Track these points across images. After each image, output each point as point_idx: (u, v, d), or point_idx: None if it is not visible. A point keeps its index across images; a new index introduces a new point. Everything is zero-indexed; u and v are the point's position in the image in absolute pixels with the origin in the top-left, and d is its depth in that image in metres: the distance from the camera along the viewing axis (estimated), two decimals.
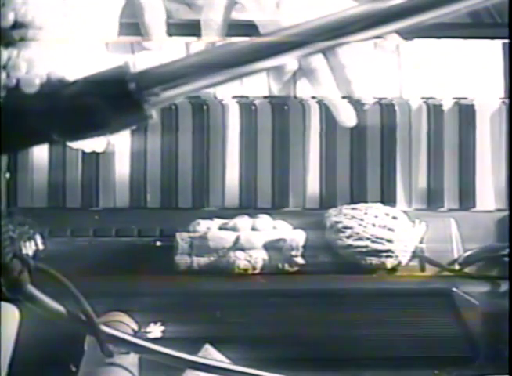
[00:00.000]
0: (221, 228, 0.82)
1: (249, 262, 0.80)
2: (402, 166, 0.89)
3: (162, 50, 0.86)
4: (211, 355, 0.73)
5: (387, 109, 0.88)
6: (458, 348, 0.78)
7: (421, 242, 0.82)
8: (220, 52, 0.51)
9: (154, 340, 0.73)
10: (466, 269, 0.81)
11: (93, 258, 0.81)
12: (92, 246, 0.82)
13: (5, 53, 0.65)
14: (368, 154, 0.89)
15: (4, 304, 0.68)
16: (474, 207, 0.88)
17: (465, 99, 0.89)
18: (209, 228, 0.81)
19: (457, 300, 0.78)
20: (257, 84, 0.88)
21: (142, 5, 0.84)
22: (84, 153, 0.86)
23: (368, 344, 0.77)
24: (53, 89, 0.52)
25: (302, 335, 0.77)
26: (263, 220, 0.82)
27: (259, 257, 0.80)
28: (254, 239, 0.80)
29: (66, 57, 0.68)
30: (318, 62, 0.85)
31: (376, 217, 0.81)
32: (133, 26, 0.87)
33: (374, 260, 0.80)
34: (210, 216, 0.83)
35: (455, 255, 0.82)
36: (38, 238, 0.81)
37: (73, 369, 0.73)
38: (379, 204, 0.83)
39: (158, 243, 0.83)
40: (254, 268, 0.80)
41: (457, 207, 0.88)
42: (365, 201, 0.85)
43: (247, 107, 0.88)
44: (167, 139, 0.88)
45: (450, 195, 0.89)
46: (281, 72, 0.86)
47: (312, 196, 0.89)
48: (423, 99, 0.89)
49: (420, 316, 0.78)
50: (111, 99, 0.50)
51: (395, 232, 0.81)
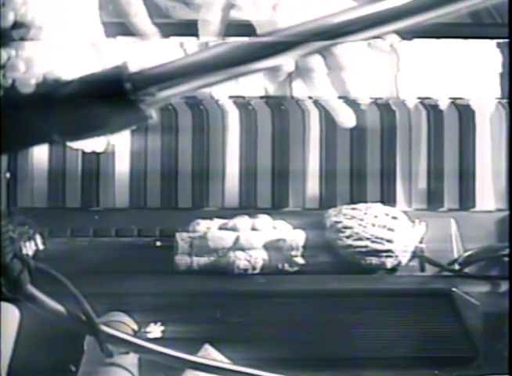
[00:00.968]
0: (221, 228, 0.82)
1: (249, 262, 0.80)
2: (402, 166, 0.89)
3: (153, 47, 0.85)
4: (211, 355, 0.73)
5: (385, 109, 0.88)
6: (458, 348, 0.78)
7: (421, 242, 0.82)
8: (216, 52, 0.51)
9: (154, 340, 0.73)
10: (466, 269, 0.81)
11: (93, 258, 0.81)
12: (92, 246, 0.82)
13: (5, 53, 0.65)
14: (368, 154, 0.89)
15: (4, 304, 0.68)
16: (474, 207, 0.88)
17: (462, 99, 0.89)
18: (209, 228, 0.81)
19: (457, 300, 0.78)
20: (254, 85, 0.88)
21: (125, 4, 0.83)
22: (84, 153, 0.86)
23: (368, 344, 0.77)
24: (49, 89, 0.52)
25: (302, 335, 0.77)
26: (263, 220, 0.82)
27: (259, 257, 0.80)
28: (254, 239, 0.80)
29: (64, 57, 0.68)
30: (314, 62, 0.85)
31: (376, 217, 0.81)
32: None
33: (374, 260, 0.80)
34: (210, 216, 0.83)
35: (455, 255, 0.82)
36: (38, 238, 0.81)
37: (73, 369, 0.73)
38: (379, 204, 0.83)
39: (158, 243, 0.83)
40: (254, 268, 0.80)
41: (457, 207, 0.88)
42: (365, 201, 0.86)
43: (246, 108, 0.88)
44: (167, 139, 0.88)
45: (450, 195, 0.89)
46: (277, 73, 0.86)
47: (312, 196, 0.88)
48: (420, 99, 0.89)
49: (420, 316, 0.78)
50: (107, 99, 0.50)
51: (395, 232, 0.81)
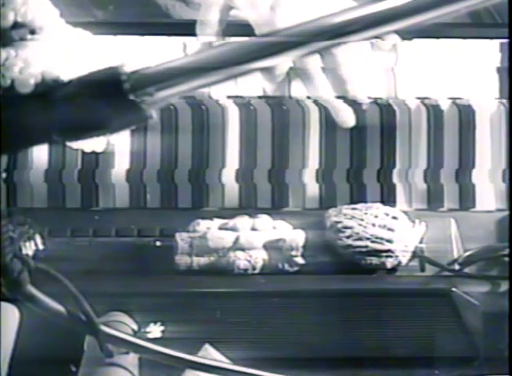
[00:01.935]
0: (221, 228, 0.82)
1: (249, 262, 0.80)
2: (402, 166, 0.89)
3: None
4: (211, 355, 0.73)
5: (385, 109, 0.88)
6: (458, 348, 0.78)
7: (421, 242, 0.82)
8: (216, 52, 0.51)
9: (154, 340, 0.73)
10: (466, 269, 0.81)
11: (93, 258, 0.81)
12: (92, 246, 0.82)
13: (4, 53, 0.65)
14: (368, 154, 0.89)
15: (4, 304, 0.68)
16: (474, 207, 0.88)
17: (463, 99, 0.89)
18: (209, 228, 0.81)
19: (457, 300, 0.78)
20: (254, 84, 0.88)
21: None
22: (83, 153, 0.87)
23: (368, 344, 0.77)
24: (48, 89, 0.52)
25: (302, 335, 0.77)
26: (263, 220, 0.82)
27: (259, 257, 0.80)
28: (254, 239, 0.80)
29: (64, 57, 0.68)
30: (312, 62, 0.85)
31: (376, 217, 0.81)
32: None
33: (374, 260, 0.80)
34: (210, 216, 0.83)
35: (455, 255, 0.82)
36: (38, 238, 0.81)
37: (73, 369, 0.73)
38: (379, 204, 0.83)
39: (158, 243, 0.83)
40: (254, 268, 0.80)
41: (457, 207, 0.88)
42: (365, 201, 0.86)
43: (246, 107, 0.88)
44: (167, 139, 0.88)
45: (450, 195, 0.89)
46: (275, 73, 0.86)
47: (312, 196, 0.89)
48: (420, 98, 0.89)
49: (420, 316, 0.78)
50: (107, 99, 0.50)
51: (395, 232, 0.81)
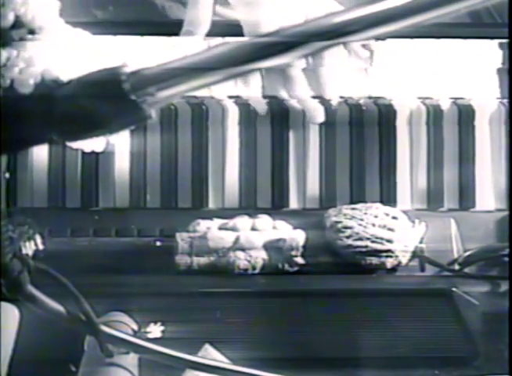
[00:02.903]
0: (221, 228, 0.82)
1: (249, 262, 0.80)
2: (402, 166, 0.89)
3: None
4: (211, 355, 0.73)
5: (385, 109, 0.88)
6: (458, 348, 0.78)
7: (421, 242, 0.82)
8: (216, 52, 0.51)
9: (154, 340, 0.73)
10: (466, 269, 0.81)
11: (93, 258, 0.81)
12: (92, 246, 0.82)
13: (4, 53, 0.65)
14: (368, 154, 0.89)
15: (4, 304, 0.68)
16: (473, 207, 0.88)
17: (463, 99, 0.89)
18: (209, 228, 0.81)
19: (457, 300, 0.78)
20: (253, 84, 0.89)
21: None
22: (83, 153, 0.86)
23: (368, 344, 0.77)
24: (48, 89, 0.52)
25: (302, 335, 0.77)
26: (263, 220, 0.82)
27: (259, 257, 0.80)
28: (254, 239, 0.80)
29: (64, 57, 0.68)
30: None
31: (376, 217, 0.81)
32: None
33: (374, 260, 0.80)
34: (210, 216, 0.83)
35: (455, 255, 0.82)
36: (38, 238, 0.81)
37: (73, 369, 0.73)
38: (379, 204, 0.83)
39: (158, 243, 0.83)
40: (254, 268, 0.80)
41: (457, 207, 0.88)
42: (365, 201, 0.86)
43: (245, 107, 0.88)
44: (167, 139, 0.88)
45: (450, 195, 0.89)
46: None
47: (312, 196, 0.89)
48: (420, 98, 0.89)
49: (420, 316, 0.78)
50: (106, 100, 0.50)
51: (395, 232, 0.81)
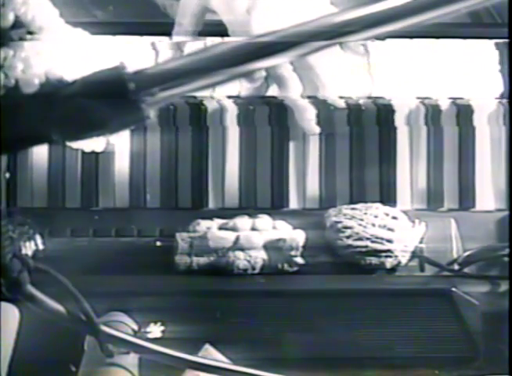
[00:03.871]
0: (221, 228, 0.82)
1: (249, 262, 0.80)
2: (402, 166, 0.89)
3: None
4: (211, 355, 0.73)
5: (384, 109, 0.88)
6: (458, 348, 0.78)
7: (421, 242, 0.82)
8: (217, 52, 0.51)
9: (154, 340, 0.73)
10: (466, 269, 0.81)
11: (93, 258, 0.81)
12: (92, 246, 0.82)
13: (3, 53, 0.65)
14: (367, 154, 0.89)
15: (4, 304, 0.68)
16: (473, 207, 0.88)
17: (462, 98, 0.89)
18: (209, 228, 0.81)
19: (457, 300, 0.78)
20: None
21: None
22: (83, 152, 0.86)
23: (368, 344, 0.77)
24: (51, 89, 0.52)
25: (302, 335, 0.77)
26: (263, 220, 0.82)
27: (259, 257, 0.80)
28: (254, 239, 0.80)
29: (66, 57, 0.68)
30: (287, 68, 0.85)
31: (375, 217, 0.81)
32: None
33: (374, 260, 0.80)
34: (210, 216, 0.83)
35: (455, 255, 0.82)
36: (38, 238, 0.81)
37: (73, 369, 0.73)
38: (379, 204, 0.83)
39: (158, 243, 0.83)
40: (254, 268, 0.80)
41: (457, 207, 0.88)
42: (365, 201, 0.85)
43: (245, 107, 0.88)
44: (167, 139, 0.88)
45: (450, 195, 0.89)
46: (253, 78, 0.86)
47: (312, 196, 0.88)
48: (420, 98, 0.89)
49: (420, 316, 0.78)
50: (108, 99, 0.50)
51: (395, 232, 0.81)
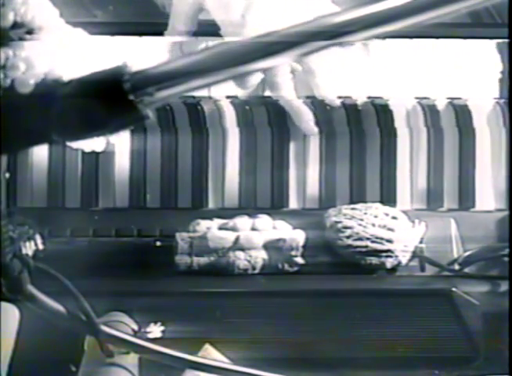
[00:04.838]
0: (220, 228, 0.82)
1: (249, 262, 0.80)
2: (402, 166, 0.89)
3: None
4: (211, 355, 0.73)
5: (383, 109, 0.88)
6: (458, 348, 0.78)
7: (421, 242, 0.82)
8: (215, 52, 0.51)
9: (154, 340, 0.73)
10: (466, 269, 0.81)
11: (93, 258, 0.81)
12: (92, 246, 0.82)
13: (3, 53, 0.65)
14: (367, 154, 0.89)
15: (4, 304, 0.68)
16: (473, 207, 0.88)
17: (460, 99, 0.89)
18: (209, 228, 0.81)
19: (457, 300, 0.78)
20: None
21: None
22: (83, 152, 0.87)
23: (368, 344, 0.77)
24: (48, 89, 0.52)
25: (302, 335, 0.77)
26: (263, 220, 0.82)
27: (259, 257, 0.80)
28: (254, 239, 0.80)
29: (64, 57, 0.68)
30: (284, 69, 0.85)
31: (375, 217, 0.81)
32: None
33: (374, 260, 0.80)
34: (210, 216, 0.83)
35: (455, 255, 0.82)
36: (38, 238, 0.81)
37: (73, 369, 0.73)
38: (378, 204, 0.83)
39: (158, 243, 0.83)
40: (254, 268, 0.80)
41: (457, 207, 0.88)
42: (365, 201, 0.86)
43: (244, 107, 0.88)
44: (167, 139, 0.88)
45: (450, 195, 0.89)
46: (247, 79, 0.87)
47: (312, 196, 0.89)
48: (418, 99, 0.89)
49: (420, 316, 0.78)
50: (106, 99, 0.50)
51: (395, 232, 0.81)
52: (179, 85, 0.50)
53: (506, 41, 0.87)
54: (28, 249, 0.79)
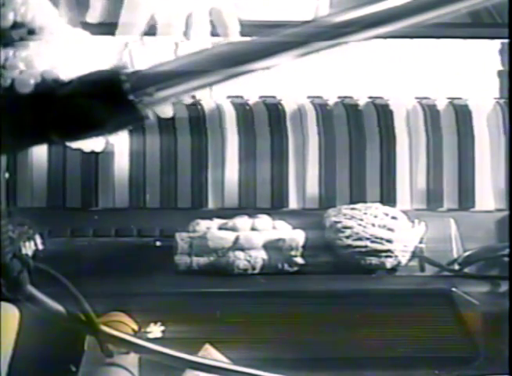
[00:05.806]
0: (220, 228, 0.82)
1: (248, 262, 0.80)
2: (402, 166, 0.89)
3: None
4: (211, 355, 0.73)
5: (383, 109, 0.88)
6: (458, 348, 0.78)
7: (421, 242, 0.82)
8: (215, 52, 0.51)
9: (154, 340, 0.73)
10: (466, 269, 0.81)
11: (93, 258, 0.81)
12: (92, 246, 0.82)
13: (3, 53, 0.65)
14: (367, 154, 0.89)
15: (4, 304, 0.68)
16: (473, 207, 0.88)
17: (460, 99, 0.89)
18: (208, 228, 0.81)
19: (457, 300, 0.78)
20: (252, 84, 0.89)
21: None
22: (83, 153, 0.86)
23: (368, 344, 0.77)
24: (48, 89, 0.52)
25: (302, 335, 0.77)
26: (263, 220, 0.82)
27: (259, 257, 0.80)
28: (254, 239, 0.80)
29: (64, 57, 0.68)
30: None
31: (375, 217, 0.81)
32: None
33: (374, 260, 0.80)
34: (209, 216, 0.83)
35: (455, 255, 0.82)
36: (38, 238, 0.81)
37: (73, 369, 0.73)
38: (378, 204, 0.83)
39: (158, 243, 0.83)
40: (254, 268, 0.80)
41: (457, 207, 0.88)
42: (365, 201, 0.86)
43: (243, 108, 0.88)
44: (167, 139, 0.88)
45: (450, 195, 0.89)
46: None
47: (312, 196, 0.89)
48: (418, 99, 0.89)
49: (420, 316, 0.78)
50: (106, 100, 0.50)
51: (395, 232, 0.81)
52: (179, 85, 0.50)
53: (506, 41, 0.87)
54: (28, 249, 0.79)
